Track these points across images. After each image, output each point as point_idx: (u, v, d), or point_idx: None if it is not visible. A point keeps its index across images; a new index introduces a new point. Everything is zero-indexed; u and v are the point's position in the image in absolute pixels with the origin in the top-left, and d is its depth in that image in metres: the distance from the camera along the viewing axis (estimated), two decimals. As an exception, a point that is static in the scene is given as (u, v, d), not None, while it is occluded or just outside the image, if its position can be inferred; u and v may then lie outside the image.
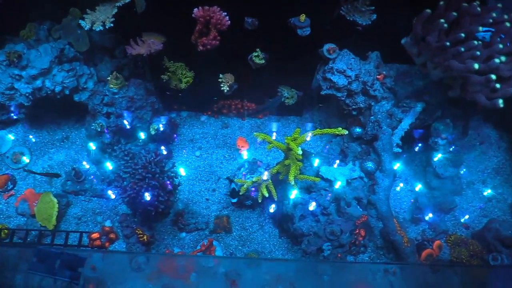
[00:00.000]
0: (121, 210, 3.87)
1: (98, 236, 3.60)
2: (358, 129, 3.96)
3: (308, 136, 3.10)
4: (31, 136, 4.25)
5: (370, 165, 3.78)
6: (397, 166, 3.78)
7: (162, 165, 3.49)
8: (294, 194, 3.46)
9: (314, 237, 3.47)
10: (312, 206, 3.45)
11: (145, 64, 4.00)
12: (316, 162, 3.63)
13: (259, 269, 2.57)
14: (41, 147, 4.23)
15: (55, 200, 3.73)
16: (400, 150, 3.83)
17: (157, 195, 3.41)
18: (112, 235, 3.63)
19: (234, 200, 3.73)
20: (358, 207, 3.61)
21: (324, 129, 3.24)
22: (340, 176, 3.66)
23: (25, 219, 3.81)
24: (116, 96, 3.73)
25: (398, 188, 4.12)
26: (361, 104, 3.79)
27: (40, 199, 3.76)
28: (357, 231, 3.59)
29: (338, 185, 3.51)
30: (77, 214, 3.91)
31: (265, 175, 3.25)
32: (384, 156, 3.72)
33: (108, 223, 3.85)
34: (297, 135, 3.16)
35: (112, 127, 3.80)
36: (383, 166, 3.71)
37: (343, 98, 3.76)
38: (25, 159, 4.09)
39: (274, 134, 4.10)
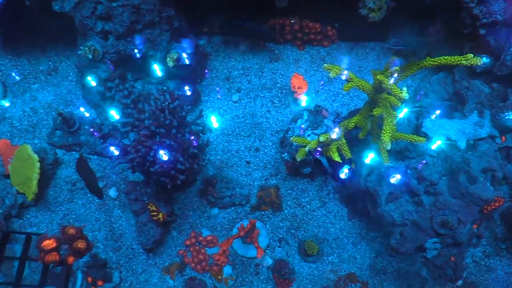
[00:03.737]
0: (131, 174, 2.96)
1: (55, 245, 2.23)
2: (485, 59, 2.72)
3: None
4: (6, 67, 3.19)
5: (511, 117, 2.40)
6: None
7: (181, 115, 2.33)
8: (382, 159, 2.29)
9: (411, 229, 2.47)
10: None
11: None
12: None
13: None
14: (19, 81, 3.21)
15: (36, 157, 2.75)
16: (558, 95, 2.46)
17: (174, 161, 2.34)
18: (80, 244, 2.29)
19: None
20: (488, 184, 2.32)
21: (439, 58, 2.09)
22: (457, 134, 2.49)
23: (-4, 181, 2.87)
24: (114, 4, 2.49)
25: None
26: (498, 16, 2.49)
27: (15, 154, 2.80)
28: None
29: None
30: (70, 177, 3.02)
31: (336, 132, 2.34)
32: (536, 102, 2.37)
33: (113, 192, 2.98)
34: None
35: (111, 53, 2.61)
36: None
37: (472, 5, 2.36)
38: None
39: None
